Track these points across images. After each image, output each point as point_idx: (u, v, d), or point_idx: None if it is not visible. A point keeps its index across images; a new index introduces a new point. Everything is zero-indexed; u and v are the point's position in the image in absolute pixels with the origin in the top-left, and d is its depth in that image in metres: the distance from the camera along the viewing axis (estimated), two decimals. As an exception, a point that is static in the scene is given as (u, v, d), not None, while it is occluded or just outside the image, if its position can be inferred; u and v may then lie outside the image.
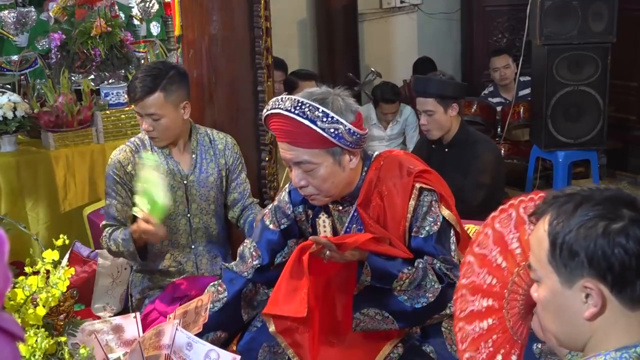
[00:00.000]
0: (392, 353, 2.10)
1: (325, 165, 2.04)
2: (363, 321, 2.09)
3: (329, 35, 5.96)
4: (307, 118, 1.98)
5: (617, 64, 4.66)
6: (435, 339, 2.15)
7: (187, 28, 3.17)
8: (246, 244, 2.32)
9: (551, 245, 1.25)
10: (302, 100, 2.00)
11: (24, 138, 3.85)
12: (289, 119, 2.00)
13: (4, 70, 4.25)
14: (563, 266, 1.23)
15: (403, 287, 2.06)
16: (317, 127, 1.97)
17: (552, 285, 1.26)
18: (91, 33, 3.87)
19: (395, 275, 2.04)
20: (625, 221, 1.21)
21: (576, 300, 1.24)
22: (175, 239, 2.80)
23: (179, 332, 1.90)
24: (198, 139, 2.83)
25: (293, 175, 2.09)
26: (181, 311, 2.09)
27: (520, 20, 5.33)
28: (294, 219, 2.27)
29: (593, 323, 1.23)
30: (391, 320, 2.08)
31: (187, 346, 1.89)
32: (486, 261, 1.54)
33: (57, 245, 1.90)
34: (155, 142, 2.75)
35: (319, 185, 2.07)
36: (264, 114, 2.09)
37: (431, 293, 2.06)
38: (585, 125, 4.64)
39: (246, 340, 2.23)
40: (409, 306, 2.07)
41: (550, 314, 1.29)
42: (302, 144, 2.02)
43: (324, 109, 1.98)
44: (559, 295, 1.25)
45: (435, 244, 2.09)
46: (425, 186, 2.11)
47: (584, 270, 1.22)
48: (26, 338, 1.72)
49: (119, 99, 3.89)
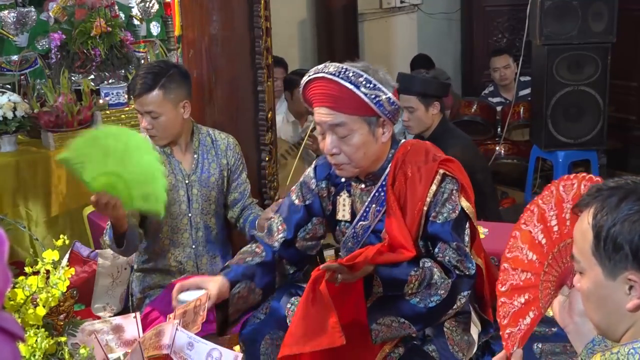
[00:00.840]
0: (392, 353, 2.09)
1: (361, 132, 2.09)
2: (381, 331, 2.08)
3: (329, 35, 5.96)
4: (351, 82, 2.04)
5: (617, 64, 4.66)
6: (438, 338, 2.15)
7: (187, 28, 3.17)
8: (274, 218, 2.35)
9: (595, 237, 1.27)
10: (345, 67, 2.07)
11: (24, 138, 3.84)
12: (333, 82, 2.06)
13: (4, 70, 4.24)
14: (607, 259, 1.26)
15: (414, 290, 2.06)
16: (360, 92, 2.04)
17: (596, 277, 1.29)
18: (91, 33, 3.87)
19: (405, 280, 2.05)
20: None
21: (619, 292, 1.26)
22: (176, 239, 2.80)
23: (179, 332, 1.90)
24: (200, 139, 2.83)
25: (326, 142, 2.13)
26: (180, 311, 2.09)
27: (520, 20, 5.33)
28: (317, 195, 2.30)
29: (635, 314, 1.26)
30: (408, 325, 2.08)
31: (188, 346, 1.89)
32: (530, 237, 1.58)
33: (57, 245, 1.90)
34: (155, 141, 2.73)
35: (351, 154, 2.11)
36: (304, 80, 2.13)
37: (443, 289, 2.05)
38: (585, 125, 4.64)
39: (249, 331, 2.23)
40: (423, 307, 2.06)
41: (592, 305, 1.33)
42: (343, 108, 2.07)
43: (367, 76, 2.06)
44: (602, 287, 1.28)
45: (451, 231, 2.10)
46: (448, 173, 2.13)
47: (627, 263, 1.24)
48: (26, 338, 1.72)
49: (119, 99, 3.89)
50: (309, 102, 2.17)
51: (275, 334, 2.19)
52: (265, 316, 2.23)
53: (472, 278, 2.08)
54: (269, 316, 2.22)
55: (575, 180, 1.54)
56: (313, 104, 2.15)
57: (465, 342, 2.16)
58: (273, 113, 3.27)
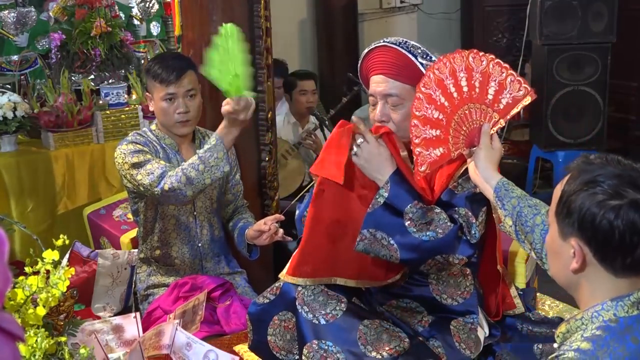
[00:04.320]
0: (397, 346, 2.09)
1: (411, 103, 2.11)
2: (368, 239, 2.04)
3: (329, 35, 5.96)
4: (410, 52, 2.14)
5: (617, 64, 4.66)
6: (444, 335, 2.15)
7: (187, 28, 3.17)
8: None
9: (559, 200, 1.39)
10: (405, 40, 2.18)
11: (24, 138, 3.85)
12: (393, 50, 2.15)
13: (4, 70, 4.24)
14: (561, 220, 1.38)
15: (414, 217, 2.02)
16: (417, 61, 2.13)
17: (554, 233, 1.42)
18: (91, 33, 3.88)
19: (411, 200, 2.02)
20: (623, 200, 1.30)
21: (567, 252, 1.38)
22: (183, 236, 2.81)
23: (178, 332, 1.90)
24: (200, 139, 2.85)
25: (377, 110, 2.17)
26: (180, 311, 2.09)
27: (520, 20, 5.33)
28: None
29: (579, 276, 1.38)
30: (395, 249, 2.03)
31: (186, 346, 1.89)
32: (432, 99, 1.97)
33: (57, 245, 1.90)
34: (187, 127, 2.73)
35: (399, 122, 2.14)
36: (364, 52, 2.21)
37: (441, 229, 2.02)
38: (585, 125, 4.65)
39: (257, 310, 2.21)
40: (417, 238, 2.02)
41: (551, 256, 1.47)
42: (399, 76, 2.14)
43: (424, 49, 2.16)
44: (557, 244, 1.41)
45: (465, 201, 2.08)
46: None
47: (573, 230, 1.36)
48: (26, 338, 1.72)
49: (119, 99, 3.89)
50: (366, 72, 2.23)
51: (284, 315, 2.16)
52: (274, 297, 2.20)
53: (472, 247, 2.04)
54: (279, 297, 2.20)
55: (485, 59, 1.95)
56: (370, 73, 2.20)
57: (472, 340, 2.16)
58: (273, 113, 3.27)
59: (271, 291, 2.22)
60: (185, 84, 2.69)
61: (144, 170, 2.58)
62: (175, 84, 2.68)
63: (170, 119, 2.72)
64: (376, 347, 2.07)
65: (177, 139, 2.80)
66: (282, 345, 2.16)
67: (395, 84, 2.15)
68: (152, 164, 2.59)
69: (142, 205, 2.78)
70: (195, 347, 1.89)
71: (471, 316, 2.18)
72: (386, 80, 2.16)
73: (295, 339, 2.14)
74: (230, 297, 2.70)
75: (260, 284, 2.75)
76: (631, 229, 1.29)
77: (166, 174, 2.54)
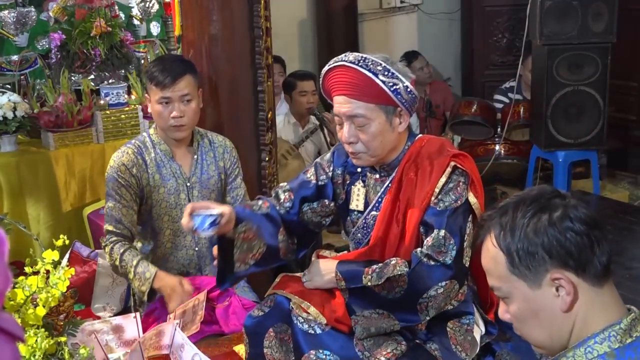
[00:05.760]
0: (395, 350, 2.09)
1: (378, 122, 2.11)
2: (361, 320, 2.11)
3: (329, 35, 5.96)
4: (370, 70, 2.08)
5: (617, 64, 4.66)
6: (440, 337, 2.15)
7: (187, 28, 3.17)
8: (281, 186, 2.36)
9: (507, 255, 1.28)
10: (365, 56, 2.11)
11: (24, 138, 3.84)
12: (352, 70, 2.09)
13: (4, 70, 4.24)
14: (526, 269, 1.27)
15: (373, 282, 2.08)
16: (379, 79, 2.07)
17: (522, 293, 1.29)
18: (91, 33, 3.87)
19: (362, 271, 2.11)
20: (561, 208, 1.27)
21: (549, 297, 1.27)
22: (178, 242, 2.80)
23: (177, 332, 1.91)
24: (199, 141, 2.84)
25: (344, 131, 2.15)
26: (180, 311, 2.09)
27: (520, 20, 5.33)
28: (331, 179, 2.31)
29: (571, 313, 1.26)
30: (387, 315, 2.10)
31: (181, 347, 1.89)
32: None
33: (57, 245, 1.90)
34: (181, 132, 2.73)
35: (368, 142, 2.13)
36: (324, 70, 2.16)
37: (402, 281, 2.07)
38: (585, 125, 4.64)
39: (253, 323, 2.22)
40: (392, 298, 2.09)
41: (529, 323, 1.31)
42: (361, 96, 2.09)
43: (385, 65, 2.09)
44: (531, 300, 1.28)
45: (447, 219, 2.09)
46: (459, 166, 2.13)
47: (546, 264, 1.26)
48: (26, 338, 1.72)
49: (119, 99, 3.88)
50: (328, 92, 2.20)
51: (279, 327, 2.18)
52: (269, 309, 2.22)
53: (449, 268, 2.06)
54: (274, 309, 2.21)
55: None
56: (332, 92, 2.17)
57: (468, 342, 2.16)
58: (273, 113, 3.27)
59: (266, 303, 2.24)
60: (180, 89, 2.67)
61: (108, 210, 2.72)
62: (170, 88, 2.66)
63: (165, 122, 2.71)
64: (374, 352, 2.08)
65: (173, 144, 2.78)
66: (279, 357, 2.18)
67: (359, 104, 2.10)
68: (114, 211, 2.69)
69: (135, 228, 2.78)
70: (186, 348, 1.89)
71: (467, 317, 2.19)
72: (349, 101, 2.11)
73: (292, 350, 2.15)
74: (229, 297, 2.70)
75: (260, 284, 2.75)
76: (587, 225, 1.26)
77: (113, 237, 2.69)
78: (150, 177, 2.75)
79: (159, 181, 2.75)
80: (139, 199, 2.74)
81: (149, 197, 2.75)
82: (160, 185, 2.75)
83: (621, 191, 5.28)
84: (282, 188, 2.34)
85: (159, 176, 2.75)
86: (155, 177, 2.75)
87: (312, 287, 2.20)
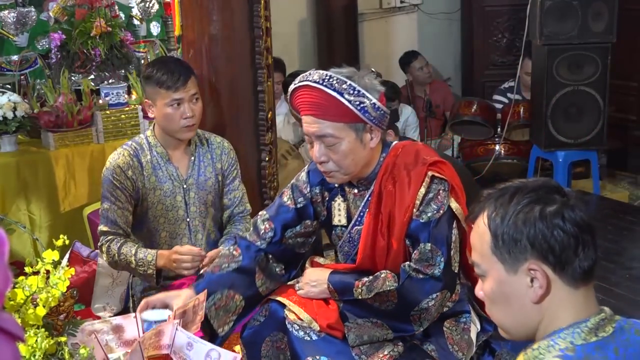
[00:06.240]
0: (392, 351, 2.09)
1: (348, 140, 2.07)
2: (354, 327, 2.13)
3: (329, 35, 5.96)
4: (334, 90, 2.02)
5: (617, 64, 4.66)
6: (437, 338, 2.15)
7: (187, 28, 3.17)
8: (260, 215, 2.33)
9: (493, 236, 1.30)
10: (330, 74, 2.04)
11: (24, 138, 3.84)
12: (317, 90, 2.03)
13: (4, 70, 4.24)
14: (507, 253, 1.28)
15: (363, 295, 2.10)
16: (344, 99, 2.01)
17: (498, 275, 1.30)
18: (91, 33, 3.87)
19: (353, 284, 2.12)
20: (558, 204, 1.27)
21: (522, 286, 1.28)
22: (175, 244, 2.79)
23: (179, 332, 1.90)
24: (196, 142, 2.83)
25: (314, 151, 2.12)
26: (180, 311, 2.09)
27: (520, 20, 5.33)
28: (310, 200, 2.29)
29: (541, 306, 1.28)
30: (381, 324, 2.13)
31: (187, 346, 1.89)
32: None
33: (57, 245, 1.90)
34: (192, 131, 2.73)
35: (339, 161, 2.10)
36: (291, 88, 2.11)
37: (392, 296, 2.08)
38: (585, 125, 4.64)
39: (249, 334, 2.23)
40: (384, 309, 2.11)
41: (499, 306, 1.33)
42: (328, 116, 2.05)
43: (351, 83, 2.03)
44: (505, 284, 1.30)
45: (432, 231, 2.08)
46: (437, 175, 2.11)
47: (527, 254, 1.27)
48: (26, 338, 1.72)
49: (119, 99, 3.88)
50: (296, 110, 2.16)
51: (275, 335, 2.20)
52: (265, 318, 2.23)
53: (438, 280, 2.07)
54: (269, 318, 2.22)
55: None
56: (300, 112, 2.13)
57: (465, 341, 2.16)
58: (273, 113, 3.27)
59: (261, 313, 2.25)
60: (190, 88, 2.69)
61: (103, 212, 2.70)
62: (182, 89, 2.66)
63: (176, 124, 2.70)
64: (371, 355, 2.09)
65: (171, 147, 2.77)
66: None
67: (326, 123, 2.06)
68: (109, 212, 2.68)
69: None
70: (196, 347, 1.89)
71: (464, 315, 2.19)
72: (316, 121, 2.07)
73: (289, 358, 2.16)
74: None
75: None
76: (579, 227, 1.26)
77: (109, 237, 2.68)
78: (146, 180, 2.74)
79: (155, 183, 2.75)
80: (134, 201, 2.73)
81: (144, 199, 2.74)
82: (156, 188, 2.75)
83: (621, 191, 5.28)
84: (261, 217, 2.31)
85: (155, 178, 2.75)
86: (151, 179, 2.74)
87: (305, 297, 2.20)
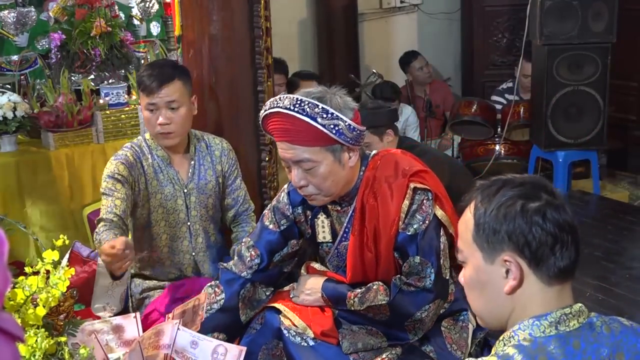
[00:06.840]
0: (390, 353, 2.09)
1: (326, 163, 2.03)
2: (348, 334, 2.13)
3: (329, 35, 5.96)
4: (307, 115, 1.96)
5: (617, 64, 4.66)
6: (435, 338, 2.15)
7: (187, 28, 3.17)
8: (244, 242, 2.31)
9: (475, 225, 1.34)
10: (300, 98, 1.98)
11: (24, 138, 3.84)
12: (288, 116, 1.97)
13: (4, 70, 4.25)
14: (486, 242, 1.32)
15: (355, 306, 2.10)
16: (318, 123, 1.96)
17: (476, 263, 1.35)
18: (91, 33, 3.87)
19: (346, 294, 2.13)
20: (542, 202, 1.30)
21: (497, 276, 1.32)
22: (175, 247, 2.79)
23: (181, 332, 1.90)
24: (196, 146, 2.81)
25: (293, 175, 2.08)
26: (179, 311, 2.09)
27: (520, 20, 5.33)
28: (293, 220, 2.26)
29: (513, 297, 1.32)
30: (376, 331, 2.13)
31: (192, 344, 1.89)
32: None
33: (57, 245, 1.90)
34: (169, 139, 2.68)
35: (319, 184, 2.06)
36: (262, 114, 2.06)
37: (385, 309, 2.09)
38: (585, 125, 4.64)
39: (245, 343, 2.23)
40: (378, 320, 2.12)
41: (475, 292, 1.38)
42: (303, 142, 2.00)
43: (323, 106, 1.97)
44: (482, 272, 1.34)
45: (419, 242, 2.07)
46: (419, 185, 2.09)
47: (504, 245, 1.30)
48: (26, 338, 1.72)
49: (119, 99, 3.89)
50: (270, 135, 2.12)
51: (270, 343, 2.20)
52: (260, 327, 2.24)
53: (430, 292, 2.06)
54: (264, 326, 2.23)
55: None
56: (274, 138, 2.09)
57: (464, 339, 2.16)
58: (273, 113, 3.26)
59: (257, 321, 2.25)
60: (165, 95, 2.61)
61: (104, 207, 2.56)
62: (155, 93, 2.61)
63: (153, 129, 2.67)
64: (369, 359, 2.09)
65: (170, 150, 2.75)
66: None
67: (302, 149, 2.02)
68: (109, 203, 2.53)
69: (130, 224, 2.72)
70: (202, 344, 1.89)
71: (462, 313, 2.19)
72: (291, 147, 2.02)
73: None
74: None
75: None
76: (559, 227, 1.28)
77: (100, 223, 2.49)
78: (148, 183, 2.72)
79: (157, 187, 2.73)
80: (133, 197, 2.67)
81: (146, 202, 2.73)
82: (157, 192, 2.74)
83: (621, 191, 5.28)
84: (245, 244, 2.29)
85: (156, 182, 2.73)
86: (153, 183, 2.73)
87: (301, 304, 2.21)
